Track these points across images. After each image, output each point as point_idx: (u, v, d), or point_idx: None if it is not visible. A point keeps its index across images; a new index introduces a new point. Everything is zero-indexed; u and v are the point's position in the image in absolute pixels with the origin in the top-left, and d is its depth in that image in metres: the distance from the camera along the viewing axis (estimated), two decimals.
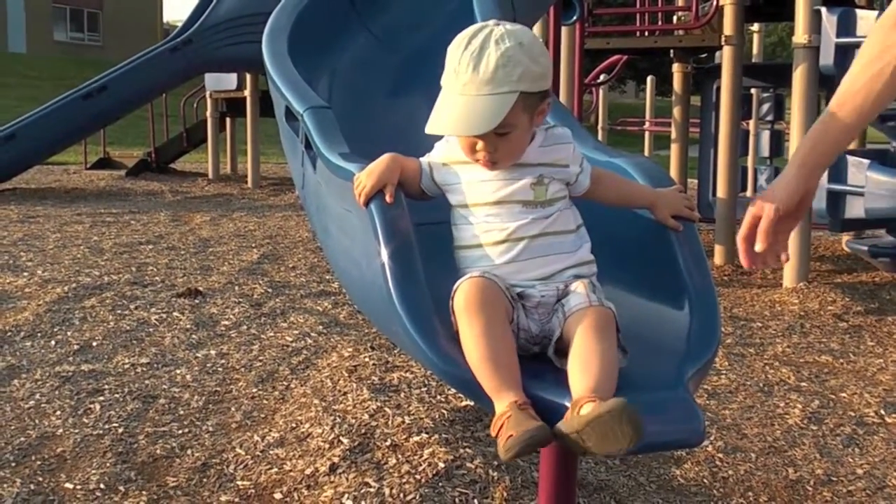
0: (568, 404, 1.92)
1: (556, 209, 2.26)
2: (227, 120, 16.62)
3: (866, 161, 6.34)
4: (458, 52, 2.18)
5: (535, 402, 1.98)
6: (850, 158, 6.48)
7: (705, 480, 3.53)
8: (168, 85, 13.43)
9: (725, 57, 8.19)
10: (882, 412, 4.24)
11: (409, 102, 3.82)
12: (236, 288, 6.57)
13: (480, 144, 2.20)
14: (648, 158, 2.70)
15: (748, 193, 10.15)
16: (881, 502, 3.36)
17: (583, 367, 1.97)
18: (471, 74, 2.15)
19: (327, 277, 7.00)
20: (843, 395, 4.49)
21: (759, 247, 2.00)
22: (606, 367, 1.97)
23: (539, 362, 2.16)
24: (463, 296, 2.10)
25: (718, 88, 10.11)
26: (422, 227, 2.34)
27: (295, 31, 3.79)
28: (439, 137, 2.36)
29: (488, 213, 2.24)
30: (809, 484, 3.50)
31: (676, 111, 9.88)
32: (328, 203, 2.90)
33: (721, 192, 8.25)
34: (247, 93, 14.55)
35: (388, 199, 2.27)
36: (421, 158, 2.39)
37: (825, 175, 6.41)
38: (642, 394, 1.96)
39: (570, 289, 2.16)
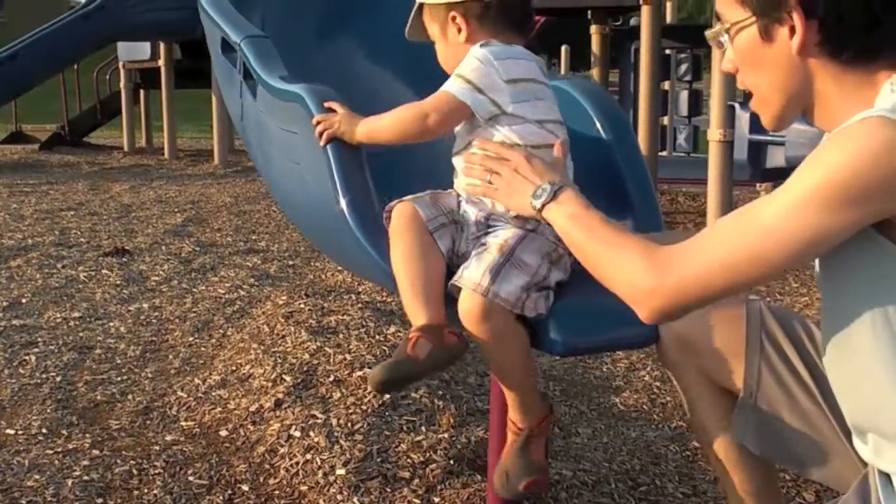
0: None
1: None
2: (141, 92, 16.35)
3: None
4: None
5: None
6: None
7: (644, 406, 3.60)
8: (80, 53, 13.22)
9: (644, 16, 8.27)
10: None
11: (340, 46, 3.82)
12: (163, 247, 6.50)
13: None
14: (591, 81, 2.74)
15: (665, 153, 10.32)
16: None
17: None
18: None
19: (253, 237, 6.96)
20: None
21: None
22: None
23: None
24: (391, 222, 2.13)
25: (636, 50, 10.24)
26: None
27: None
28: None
29: None
30: None
31: (595, 72, 9.95)
32: (270, 129, 2.90)
33: (642, 150, 8.35)
34: (161, 62, 14.25)
35: None
36: None
37: (746, 125, 6.55)
38: (595, 300, 2.00)
39: None
